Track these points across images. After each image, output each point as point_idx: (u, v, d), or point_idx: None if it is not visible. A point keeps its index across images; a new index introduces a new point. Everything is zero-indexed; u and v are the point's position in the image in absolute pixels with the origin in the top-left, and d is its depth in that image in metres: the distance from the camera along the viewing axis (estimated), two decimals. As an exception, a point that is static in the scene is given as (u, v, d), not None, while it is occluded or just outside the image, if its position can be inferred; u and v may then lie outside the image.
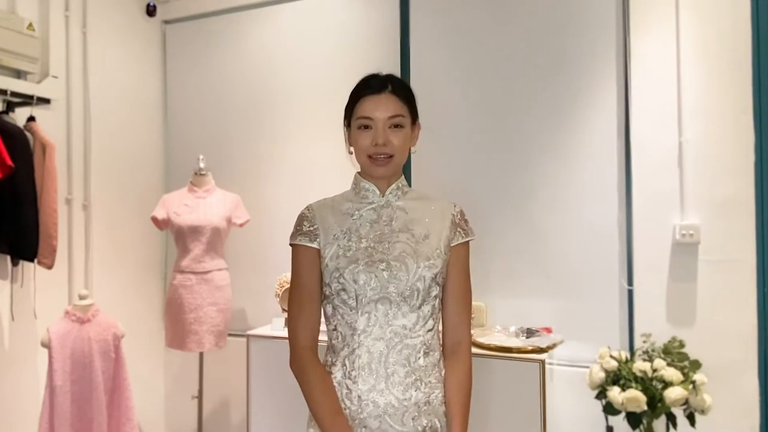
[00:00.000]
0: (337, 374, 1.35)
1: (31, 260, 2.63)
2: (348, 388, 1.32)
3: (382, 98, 1.37)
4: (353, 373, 1.32)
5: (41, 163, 2.64)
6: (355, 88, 1.43)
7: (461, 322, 1.42)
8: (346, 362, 1.33)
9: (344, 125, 1.46)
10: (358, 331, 1.33)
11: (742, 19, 2.36)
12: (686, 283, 2.42)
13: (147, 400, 3.34)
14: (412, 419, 1.30)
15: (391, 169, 1.40)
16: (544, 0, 2.67)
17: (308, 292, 1.39)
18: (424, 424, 1.31)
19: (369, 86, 1.39)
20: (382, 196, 1.43)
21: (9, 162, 2.40)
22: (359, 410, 1.30)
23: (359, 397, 1.31)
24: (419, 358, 1.33)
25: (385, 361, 1.31)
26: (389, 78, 1.41)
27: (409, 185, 1.51)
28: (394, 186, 1.44)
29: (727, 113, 2.37)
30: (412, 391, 1.31)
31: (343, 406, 1.32)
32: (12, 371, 2.70)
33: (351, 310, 1.34)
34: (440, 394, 1.36)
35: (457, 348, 1.41)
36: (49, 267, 2.68)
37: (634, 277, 2.50)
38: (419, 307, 1.34)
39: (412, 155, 1.52)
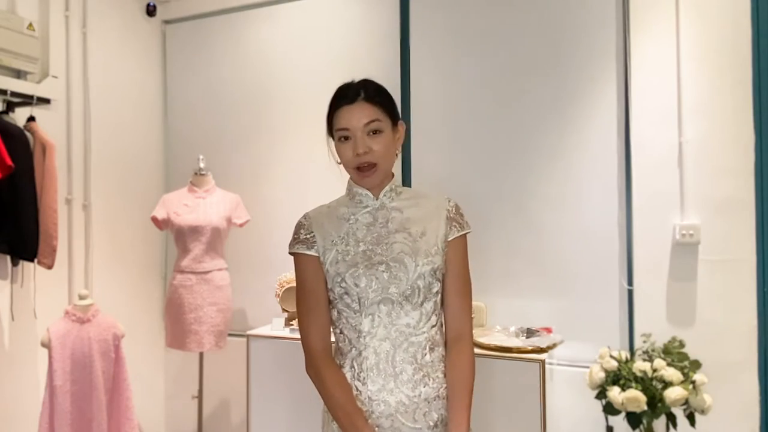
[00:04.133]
0: (347, 376, 1.36)
1: (31, 260, 2.63)
2: (358, 390, 1.34)
3: (355, 108, 1.37)
4: (362, 375, 1.34)
5: (41, 163, 2.64)
6: (331, 99, 1.43)
7: (462, 316, 1.43)
8: (354, 364, 1.35)
9: (327, 135, 1.46)
10: (363, 333, 1.35)
11: (742, 19, 2.36)
12: (686, 283, 2.42)
13: (147, 400, 3.34)
14: (424, 415, 1.33)
15: (378, 177, 1.40)
16: (544, 0, 2.67)
17: (315, 297, 1.41)
18: (435, 419, 1.34)
19: (343, 96, 1.39)
20: (376, 200, 1.44)
21: (9, 162, 2.40)
22: (370, 411, 1.32)
23: (369, 398, 1.33)
24: (425, 354, 1.35)
25: (393, 361, 1.33)
26: (362, 85, 1.40)
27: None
28: (387, 188, 1.44)
29: (727, 113, 2.37)
30: (421, 388, 1.33)
31: None
32: (12, 371, 2.70)
33: (355, 313, 1.36)
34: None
35: (458, 340, 1.41)
36: (49, 267, 2.68)
37: (634, 277, 2.50)
38: (421, 305, 1.36)
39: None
